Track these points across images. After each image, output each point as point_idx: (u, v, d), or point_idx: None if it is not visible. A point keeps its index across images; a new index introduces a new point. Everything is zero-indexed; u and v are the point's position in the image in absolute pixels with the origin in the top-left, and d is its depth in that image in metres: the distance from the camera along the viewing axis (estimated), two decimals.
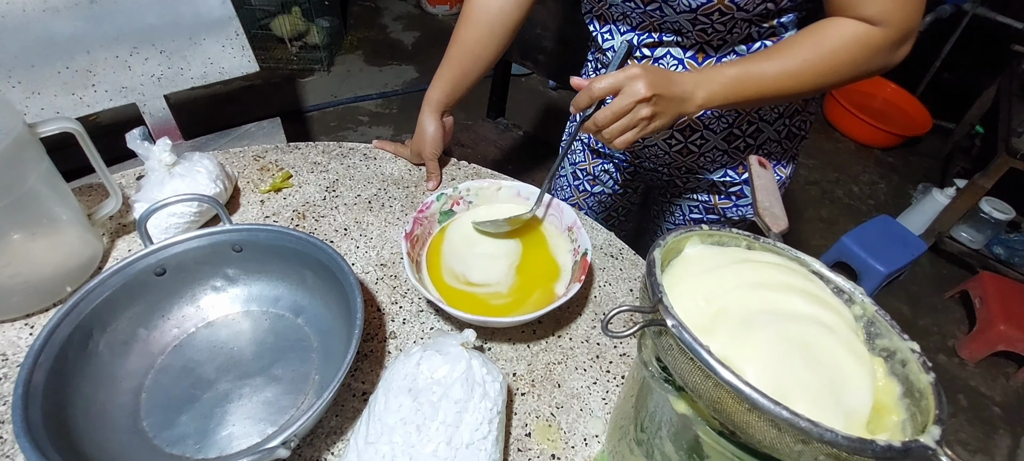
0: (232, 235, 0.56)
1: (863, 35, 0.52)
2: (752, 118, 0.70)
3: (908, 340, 0.33)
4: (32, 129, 0.53)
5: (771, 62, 0.55)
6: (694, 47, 0.63)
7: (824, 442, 0.25)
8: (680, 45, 0.64)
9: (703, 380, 0.28)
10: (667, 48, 0.65)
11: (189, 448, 0.47)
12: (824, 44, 0.54)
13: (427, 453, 0.42)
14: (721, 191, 0.79)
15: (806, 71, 0.55)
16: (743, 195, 0.78)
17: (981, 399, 1.60)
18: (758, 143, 0.72)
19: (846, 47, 0.53)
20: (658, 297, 0.31)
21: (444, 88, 0.78)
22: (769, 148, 0.73)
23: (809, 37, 0.55)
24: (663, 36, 0.64)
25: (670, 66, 0.65)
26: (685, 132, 0.72)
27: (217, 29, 1.13)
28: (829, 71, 0.55)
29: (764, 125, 0.71)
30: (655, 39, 0.64)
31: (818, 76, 0.55)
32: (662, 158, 0.78)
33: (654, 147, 0.76)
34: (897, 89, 2.68)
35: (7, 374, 0.52)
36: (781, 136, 0.72)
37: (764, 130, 0.71)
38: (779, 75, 0.55)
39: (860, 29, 0.52)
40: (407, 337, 0.60)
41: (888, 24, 0.51)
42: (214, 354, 0.54)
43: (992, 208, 1.81)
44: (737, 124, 0.70)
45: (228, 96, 2.28)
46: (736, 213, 0.81)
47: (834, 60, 0.54)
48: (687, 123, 0.71)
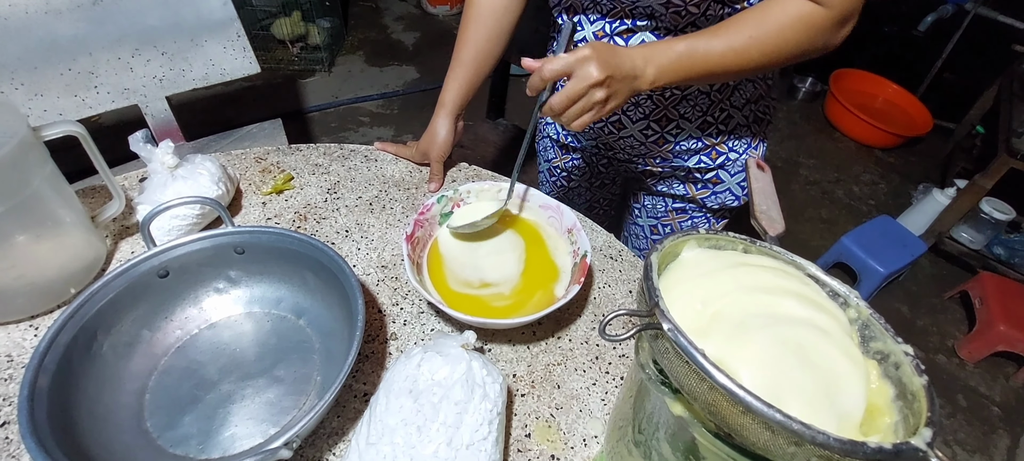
0: (234, 237, 0.56)
1: (807, 14, 0.54)
2: (723, 105, 0.72)
3: (901, 343, 0.33)
4: (36, 132, 0.54)
5: (717, 38, 0.56)
6: (668, 33, 0.64)
7: (816, 444, 0.25)
8: (653, 31, 0.64)
9: (698, 383, 0.28)
10: (641, 35, 0.65)
11: (192, 448, 0.48)
12: (769, 22, 0.55)
13: (428, 454, 0.43)
14: (697, 180, 0.80)
15: (751, 48, 0.56)
16: (719, 181, 0.79)
17: (980, 399, 1.60)
18: (729, 129, 0.74)
19: (791, 25, 0.54)
20: (654, 301, 0.31)
21: (459, 90, 0.79)
22: (739, 133, 0.75)
23: (755, 15, 0.56)
24: (636, 22, 0.64)
25: None
26: (661, 122, 0.73)
27: (218, 30, 1.14)
28: (773, 49, 0.56)
29: (734, 111, 0.73)
30: (627, 26, 0.64)
31: (763, 54, 0.56)
32: (638, 148, 0.78)
33: (630, 138, 0.77)
34: (898, 89, 2.68)
35: (12, 375, 0.52)
36: (749, 121, 0.75)
37: (734, 116, 0.73)
38: (725, 51, 0.56)
39: (805, 8, 0.53)
40: (408, 338, 0.60)
41: (831, 5, 0.53)
42: (217, 355, 0.55)
43: (992, 208, 1.81)
44: (710, 111, 0.72)
45: (229, 97, 2.29)
46: (715, 202, 0.82)
47: (778, 38, 0.55)
48: (663, 114, 0.72)
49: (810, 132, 2.65)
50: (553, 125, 0.92)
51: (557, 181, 0.96)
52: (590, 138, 0.83)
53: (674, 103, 0.71)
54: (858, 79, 2.73)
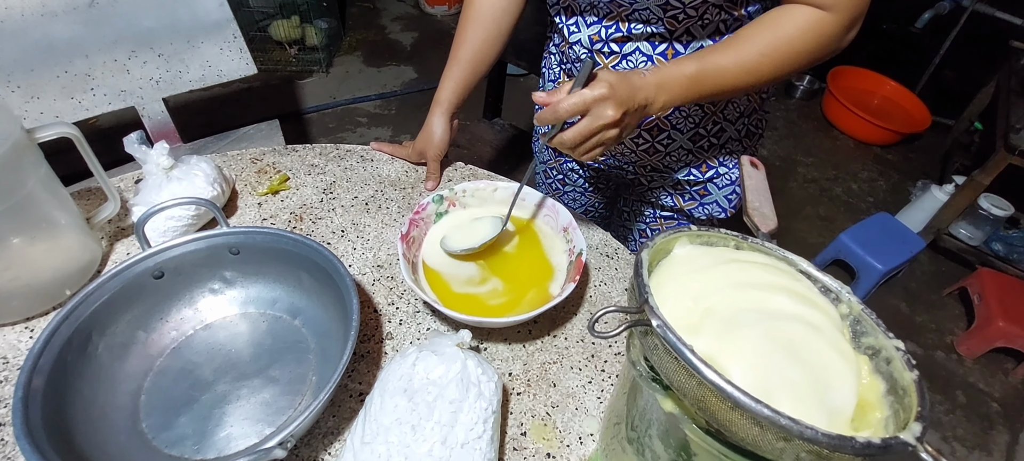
0: (229, 238, 0.56)
1: (816, 23, 0.53)
2: (717, 118, 0.71)
3: (892, 338, 0.33)
4: (31, 134, 0.54)
5: (727, 56, 0.55)
6: (664, 41, 0.63)
7: (805, 439, 0.25)
8: (649, 39, 0.63)
9: (687, 379, 0.28)
10: (636, 43, 0.64)
11: (188, 449, 0.48)
12: (779, 35, 0.54)
13: (422, 453, 0.43)
14: (685, 192, 0.80)
15: (763, 65, 0.55)
16: (707, 193, 0.79)
17: (979, 395, 1.60)
18: (721, 142, 0.74)
19: (801, 36, 0.54)
20: (644, 298, 0.31)
21: (455, 89, 0.79)
22: (731, 146, 0.75)
23: (764, 30, 0.55)
24: (632, 29, 0.63)
25: (639, 62, 0.65)
26: (652, 132, 0.73)
27: (215, 32, 1.14)
28: (784, 62, 0.55)
29: (727, 124, 0.72)
30: (623, 33, 0.63)
31: (774, 69, 0.55)
32: (628, 156, 0.78)
33: (621, 146, 0.77)
34: (896, 86, 2.68)
35: (7, 377, 0.52)
36: (741, 134, 0.74)
37: (726, 129, 0.73)
38: (737, 71, 0.55)
39: (813, 17, 0.53)
40: (403, 338, 0.60)
41: (838, 9, 0.52)
42: (212, 356, 0.55)
43: (991, 205, 1.81)
44: (702, 124, 0.71)
45: (226, 98, 2.29)
46: (702, 213, 0.81)
47: (789, 49, 0.54)
48: (655, 123, 0.72)
49: (808, 130, 2.65)
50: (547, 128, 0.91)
51: (552, 183, 0.96)
52: None
53: (666, 113, 0.71)
54: (856, 76, 2.73)
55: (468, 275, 0.64)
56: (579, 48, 0.68)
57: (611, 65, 0.66)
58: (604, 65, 0.67)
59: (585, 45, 0.67)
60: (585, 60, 0.52)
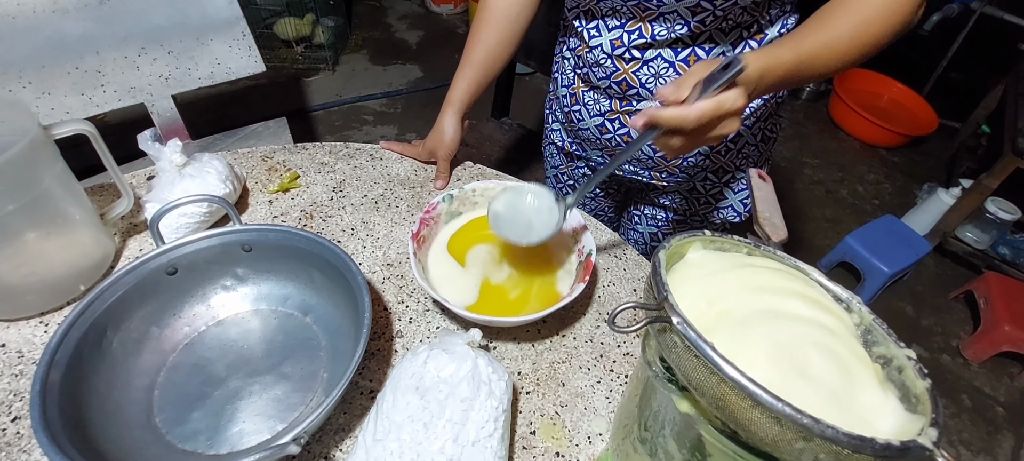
0: (242, 235, 0.57)
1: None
2: None
3: (904, 347, 0.33)
4: (47, 131, 0.54)
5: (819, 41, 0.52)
6: (686, 47, 0.62)
7: (825, 438, 0.25)
8: (672, 44, 0.62)
9: (707, 376, 0.28)
10: (658, 49, 0.63)
11: (201, 444, 0.48)
12: (863, 15, 0.52)
13: (434, 450, 0.43)
14: (701, 196, 0.80)
15: (853, 48, 0.52)
16: (723, 197, 0.79)
17: (985, 400, 1.60)
18: (738, 147, 0.73)
19: (880, 14, 0.51)
20: (663, 295, 0.31)
21: (467, 89, 0.79)
22: (747, 151, 0.74)
23: (846, 12, 0.52)
24: (656, 35, 0.62)
25: (661, 69, 0.64)
26: None
27: (224, 30, 1.14)
28: (870, 42, 0.53)
29: (744, 129, 0.72)
30: (646, 39, 0.62)
31: (860, 50, 0.53)
32: (645, 162, 0.78)
33: (639, 154, 0.77)
34: (903, 88, 2.67)
35: (24, 371, 0.53)
36: (757, 140, 0.74)
37: (743, 134, 0.72)
38: (829, 57, 0.53)
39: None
40: (414, 336, 0.61)
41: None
42: (224, 352, 0.55)
43: (998, 208, 1.80)
44: None
45: (234, 96, 2.30)
46: (717, 217, 0.81)
47: (875, 29, 0.52)
48: None
49: (814, 132, 2.64)
50: (558, 132, 0.91)
51: (562, 188, 0.96)
52: (598, 149, 0.83)
53: None
54: (862, 78, 2.72)
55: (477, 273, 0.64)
56: (599, 53, 0.68)
57: (632, 71, 0.66)
58: (624, 70, 0.66)
59: (605, 51, 0.66)
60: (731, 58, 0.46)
